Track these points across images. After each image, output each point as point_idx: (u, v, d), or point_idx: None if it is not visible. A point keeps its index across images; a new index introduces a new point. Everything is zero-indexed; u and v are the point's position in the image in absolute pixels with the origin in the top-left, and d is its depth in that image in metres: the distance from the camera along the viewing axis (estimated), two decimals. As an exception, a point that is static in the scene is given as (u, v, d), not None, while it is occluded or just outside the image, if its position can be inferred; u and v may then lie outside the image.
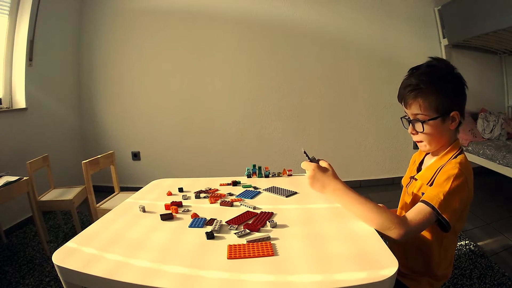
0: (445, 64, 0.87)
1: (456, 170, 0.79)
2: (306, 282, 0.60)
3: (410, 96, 0.85)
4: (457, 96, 0.85)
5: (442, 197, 0.76)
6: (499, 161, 2.38)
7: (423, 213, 0.75)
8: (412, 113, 0.87)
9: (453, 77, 0.85)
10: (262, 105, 3.11)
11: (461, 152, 0.88)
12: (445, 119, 0.84)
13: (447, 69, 0.86)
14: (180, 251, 0.75)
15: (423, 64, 0.89)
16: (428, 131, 0.86)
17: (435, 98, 0.83)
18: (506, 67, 3.13)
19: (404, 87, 0.88)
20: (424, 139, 0.88)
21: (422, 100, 0.84)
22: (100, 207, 1.88)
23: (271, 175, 1.35)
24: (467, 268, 1.64)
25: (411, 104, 0.86)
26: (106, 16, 3.07)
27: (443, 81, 0.83)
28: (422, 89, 0.83)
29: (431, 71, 0.85)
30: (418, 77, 0.85)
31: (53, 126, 2.86)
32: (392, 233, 0.74)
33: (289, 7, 2.97)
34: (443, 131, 0.86)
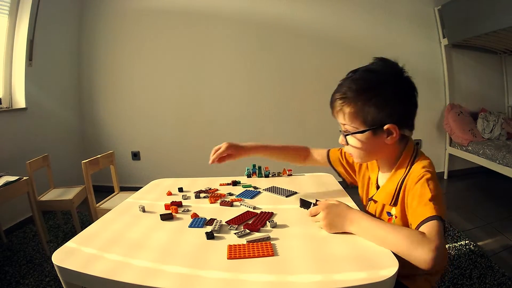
0: (387, 67, 0.78)
1: (428, 174, 0.73)
2: (306, 282, 0.60)
3: (336, 104, 0.79)
4: (393, 107, 0.75)
5: (432, 203, 0.70)
6: (499, 161, 2.38)
7: (434, 228, 0.66)
8: (340, 122, 0.81)
9: (391, 84, 0.75)
10: (261, 104, 3.12)
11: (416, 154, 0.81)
12: (377, 132, 0.76)
13: (388, 74, 0.77)
14: (180, 251, 0.75)
15: (361, 68, 0.81)
16: (356, 145, 0.79)
17: (361, 110, 0.75)
18: (506, 67, 3.13)
19: (334, 93, 0.81)
20: (353, 152, 0.82)
21: (349, 111, 0.76)
22: (100, 207, 1.88)
23: (271, 175, 1.35)
24: (467, 268, 1.64)
25: (337, 113, 0.80)
26: (106, 16, 3.07)
27: (375, 91, 0.74)
28: (348, 98, 0.76)
29: (364, 78, 0.77)
30: (348, 83, 0.78)
31: (53, 126, 2.86)
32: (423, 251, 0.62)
33: (288, 7, 2.98)
34: (377, 146, 0.78)
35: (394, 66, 0.79)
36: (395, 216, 0.82)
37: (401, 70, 0.79)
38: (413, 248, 0.64)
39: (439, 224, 0.67)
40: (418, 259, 0.63)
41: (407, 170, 0.79)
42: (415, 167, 0.77)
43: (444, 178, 3.20)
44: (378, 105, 0.74)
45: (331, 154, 1.12)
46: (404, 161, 0.81)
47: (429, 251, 0.62)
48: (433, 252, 0.62)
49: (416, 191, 0.73)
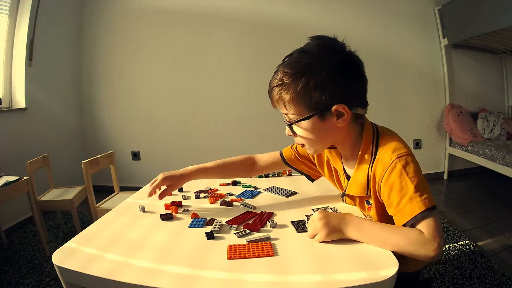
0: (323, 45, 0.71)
1: (401, 161, 0.66)
2: (306, 282, 0.60)
3: (274, 92, 0.72)
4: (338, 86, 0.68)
5: (418, 195, 0.64)
6: (499, 161, 2.38)
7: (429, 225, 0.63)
8: (282, 113, 0.74)
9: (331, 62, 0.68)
10: (261, 104, 3.09)
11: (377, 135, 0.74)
12: (325, 116, 0.69)
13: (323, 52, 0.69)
14: (180, 251, 0.75)
15: (296, 50, 0.74)
16: (304, 134, 0.72)
17: (303, 94, 0.68)
18: (506, 67, 3.13)
19: (271, 81, 0.74)
20: (304, 142, 0.75)
21: (287, 97, 0.69)
22: (100, 207, 1.88)
23: (271, 175, 1.35)
24: (467, 268, 1.64)
25: (277, 102, 0.73)
26: (106, 16, 3.08)
27: (313, 71, 0.67)
28: (285, 84, 0.69)
29: (299, 60, 0.70)
30: (284, 68, 0.71)
31: (53, 126, 2.86)
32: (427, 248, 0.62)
33: (288, 7, 2.98)
34: (328, 130, 0.72)
35: (331, 42, 0.72)
36: (373, 206, 0.78)
37: (340, 45, 0.72)
38: (416, 250, 0.63)
39: (434, 219, 0.63)
40: (421, 257, 0.64)
41: (373, 154, 0.72)
42: (383, 151, 0.70)
43: (444, 178, 3.20)
44: (319, 86, 0.67)
45: (285, 154, 1.04)
46: (367, 145, 0.74)
47: (432, 251, 0.62)
48: (435, 251, 0.62)
49: (394, 184, 0.66)
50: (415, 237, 0.64)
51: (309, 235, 0.75)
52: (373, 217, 0.79)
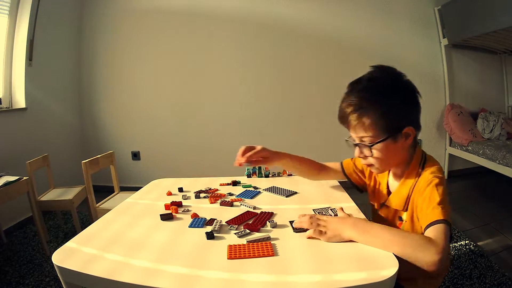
0: (389, 73, 0.79)
1: (437, 180, 0.75)
2: (306, 282, 0.60)
3: (353, 117, 0.77)
4: (407, 109, 0.77)
5: (440, 208, 0.72)
6: (499, 161, 2.38)
7: (440, 231, 0.68)
8: (357, 136, 0.79)
9: (400, 88, 0.76)
10: (261, 104, 3.12)
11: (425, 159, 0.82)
12: (397, 137, 0.77)
13: (392, 79, 0.77)
14: (180, 251, 0.75)
15: (363, 77, 0.80)
16: (378, 155, 0.78)
17: (382, 117, 0.74)
18: (506, 67, 3.13)
19: (345, 107, 0.78)
20: (374, 163, 0.81)
21: (368, 121, 0.75)
22: (100, 207, 1.88)
23: (271, 175, 1.35)
24: (467, 268, 1.64)
25: (355, 126, 0.77)
26: (106, 16, 3.08)
27: (389, 96, 0.74)
28: (365, 108, 0.75)
29: (373, 86, 0.77)
30: (359, 93, 0.77)
31: (53, 126, 2.86)
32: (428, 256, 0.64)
33: (288, 7, 2.97)
34: (397, 151, 0.79)
35: (394, 71, 0.80)
36: (405, 221, 0.83)
37: (400, 74, 0.79)
38: (418, 251, 0.64)
39: (446, 228, 0.68)
40: (424, 262, 0.64)
41: (418, 176, 0.80)
42: (425, 173, 0.78)
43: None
44: (394, 110, 0.75)
45: (345, 166, 1.10)
46: (414, 166, 0.81)
47: (435, 254, 0.63)
48: (438, 255, 0.63)
49: (426, 194, 0.75)
50: (421, 239, 0.67)
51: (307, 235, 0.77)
52: None
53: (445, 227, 0.69)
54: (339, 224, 0.76)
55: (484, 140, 2.80)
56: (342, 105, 0.80)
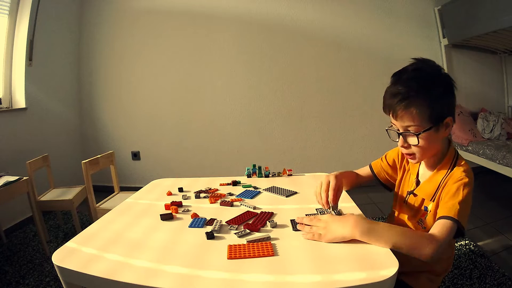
0: (432, 65, 0.80)
1: (466, 179, 0.78)
2: (306, 282, 0.60)
3: (401, 106, 0.77)
4: (449, 100, 0.79)
5: (458, 206, 0.74)
6: (499, 161, 2.38)
7: (446, 226, 0.72)
8: (403, 125, 0.79)
9: (442, 79, 0.78)
10: (262, 104, 3.11)
11: (457, 156, 0.84)
12: (439, 127, 0.78)
13: (435, 70, 0.79)
14: (180, 251, 0.75)
15: (408, 68, 0.81)
16: (421, 144, 0.79)
17: (428, 106, 0.75)
18: (506, 67, 3.13)
19: (392, 96, 0.78)
20: (417, 152, 0.81)
21: (416, 110, 0.76)
22: (100, 207, 1.88)
23: (271, 175, 1.35)
24: (467, 268, 1.64)
25: (403, 115, 0.78)
26: (106, 16, 3.08)
27: (434, 86, 0.76)
28: (413, 97, 0.75)
29: (419, 76, 0.77)
30: (406, 83, 0.77)
31: (53, 126, 2.86)
32: (425, 251, 0.69)
33: (288, 7, 2.97)
34: (437, 141, 0.81)
35: (434, 63, 0.81)
36: (429, 211, 0.84)
37: (440, 66, 0.81)
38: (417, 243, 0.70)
39: (453, 226, 0.72)
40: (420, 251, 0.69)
41: (449, 170, 0.82)
42: (457, 170, 0.81)
43: (444, 178, 3.20)
44: (439, 101, 0.76)
45: (374, 168, 1.08)
46: (448, 161, 0.84)
47: (432, 245, 0.69)
48: (434, 246, 0.69)
49: (451, 189, 0.77)
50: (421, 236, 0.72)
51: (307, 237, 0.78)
52: (426, 221, 0.85)
53: (453, 225, 0.72)
54: (340, 223, 0.76)
55: (484, 140, 2.80)
56: (387, 95, 0.81)
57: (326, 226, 0.77)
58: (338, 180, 0.92)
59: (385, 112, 0.83)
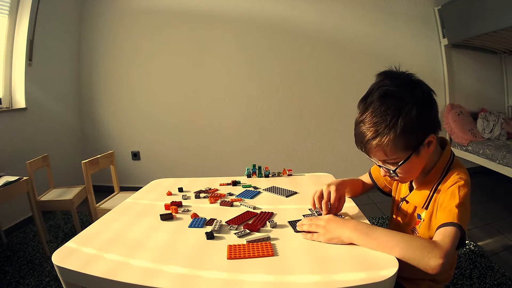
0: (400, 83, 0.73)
1: (461, 182, 0.74)
2: (306, 282, 0.60)
3: (371, 145, 0.73)
4: (425, 117, 0.72)
5: (457, 210, 0.70)
6: (499, 161, 2.38)
7: (449, 233, 0.67)
8: (380, 159, 0.77)
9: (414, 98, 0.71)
10: (261, 104, 3.11)
11: (452, 160, 0.81)
12: (420, 150, 0.74)
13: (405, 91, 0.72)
14: (180, 251, 0.75)
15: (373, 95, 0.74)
16: (404, 171, 0.77)
17: (402, 137, 0.71)
18: (506, 67, 3.13)
19: (361, 134, 0.74)
20: (401, 178, 0.80)
21: (388, 146, 0.71)
22: (100, 207, 1.88)
23: (271, 175, 1.35)
24: (467, 268, 1.64)
25: (376, 153, 0.75)
26: (106, 16, 3.08)
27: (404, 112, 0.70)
28: (382, 134, 0.71)
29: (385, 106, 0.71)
30: (373, 119, 0.72)
31: (53, 126, 2.86)
32: (431, 259, 0.63)
33: (288, 6, 2.97)
34: (422, 161, 0.78)
35: (403, 77, 0.75)
36: (423, 220, 0.82)
37: (410, 77, 0.75)
38: (420, 255, 0.64)
39: (456, 232, 0.67)
40: (426, 265, 0.63)
41: (442, 175, 0.79)
42: (450, 175, 0.78)
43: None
44: (413, 127, 0.71)
45: (373, 173, 1.06)
46: (440, 166, 0.80)
47: (437, 258, 0.63)
48: (441, 259, 0.62)
49: (447, 194, 0.74)
50: (423, 243, 0.66)
51: (306, 237, 0.77)
52: (419, 231, 0.83)
53: (455, 231, 0.67)
54: (339, 225, 0.75)
55: (484, 140, 2.80)
56: (357, 131, 0.77)
57: (325, 225, 0.76)
58: (339, 191, 0.89)
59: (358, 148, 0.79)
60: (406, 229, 0.88)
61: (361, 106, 0.77)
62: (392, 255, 0.67)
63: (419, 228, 0.83)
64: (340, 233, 0.73)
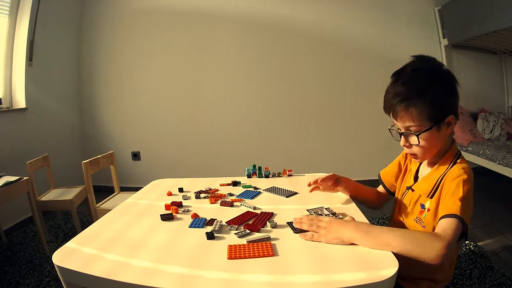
0: (432, 64, 0.80)
1: (465, 176, 0.76)
2: (306, 283, 0.60)
3: (401, 107, 0.78)
4: (450, 98, 0.79)
5: (460, 203, 0.72)
6: (499, 161, 2.38)
7: (451, 226, 0.69)
8: (404, 125, 0.80)
9: (443, 77, 0.78)
10: (261, 105, 3.11)
11: (459, 155, 0.84)
12: (441, 126, 0.78)
13: (435, 70, 0.79)
14: (180, 251, 0.75)
15: (407, 68, 0.80)
16: (423, 144, 0.80)
17: (428, 107, 0.76)
18: (506, 67, 3.13)
19: (392, 98, 0.79)
20: (418, 151, 0.82)
21: (415, 111, 0.76)
22: (100, 207, 1.88)
23: (271, 175, 1.35)
24: (467, 268, 1.64)
25: (403, 116, 0.78)
26: (106, 16, 3.08)
27: (433, 86, 0.76)
28: (412, 98, 0.76)
29: (418, 76, 0.78)
30: (405, 84, 0.78)
31: (53, 126, 2.86)
32: (432, 251, 0.65)
33: (288, 7, 2.98)
34: (439, 139, 0.81)
35: (435, 61, 0.81)
36: (427, 209, 0.83)
37: (441, 64, 0.81)
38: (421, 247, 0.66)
39: (458, 224, 0.69)
40: (427, 256, 0.65)
41: (449, 167, 0.82)
42: (456, 167, 0.80)
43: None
44: (439, 100, 0.77)
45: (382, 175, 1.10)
46: (448, 158, 0.84)
47: (439, 249, 0.65)
48: (443, 250, 0.65)
49: (451, 187, 0.76)
50: (423, 235, 0.69)
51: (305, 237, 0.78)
52: (425, 220, 0.84)
53: (457, 223, 0.69)
54: (340, 226, 0.76)
55: (484, 141, 2.80)
56: (388, 95, 0.81)
57: (327, 226, 0.77)
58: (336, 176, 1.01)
59: (385, 112, 0.84)
60: (409, 219, 0.89)
61: (393, 77, 0.82)
62: (394, 250, 0.68)
63: (425, 217, 0.83)
64: (341, 233, 0.74)
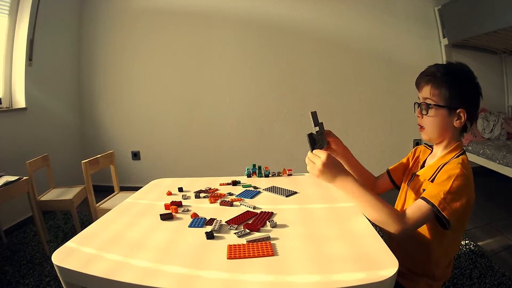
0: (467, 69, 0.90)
1: (457, 170, 0.80)
2: (306, 282, 0.60)
3: (424, 80, 0.90)
4: (468, 98, 0.87)
5: (443, 195, 0.76)
6: (499, 161, 2.38)
7: (422, 210, 0.77)
8: (423, 96, 0.91)
9: (470, 82, 0.88)
10: (261, 104, 3.11)
11: (463, 153, 0.89)
12: (451, 113, 0.86)
13: (467, 73, 0.89)
14: (180, 251, 0.75)
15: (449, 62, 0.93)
16: (431, 118, 0.88)
17: (446, 89, 0.86)
18: (506, 67, 3.13)
19: (423, 73, 0.92)
20: (426, 125, 0.91)
21: (433, 87, 0.87)
22: (100, 207, 1.88)
23: (271, 175, 1.35)
24: (467, 268, 1.64)
25: (423, 87, 0.90)
26: (106, 16, 3.08)
27: (458, 79, 0.87)
28: (436, 77, 0.87)
29: (451, 67, 0.90)
30: (437, 67, 0.90)
31: (53, 126, 2.86)
32: (391, 228, 0.76)
33: (288, 6, 2.97)
34: (447, 125, 0.88)
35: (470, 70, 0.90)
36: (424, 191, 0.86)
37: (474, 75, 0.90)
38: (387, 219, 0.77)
39: (429, 212, 0.76)
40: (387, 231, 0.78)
41: (451, 159, 0.88)
42: (457, 160, 0.85)
43: (444, 178, 3.19)
44: (458, 90, 0.86)
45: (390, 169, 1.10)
46: (453, 151, 0.90)
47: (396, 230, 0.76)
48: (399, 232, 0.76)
49: (443, 176, 0.81)
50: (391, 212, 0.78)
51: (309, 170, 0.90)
52: None
53: (429, 211, 0.76)
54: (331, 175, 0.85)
55: (484, 140, 2.80)
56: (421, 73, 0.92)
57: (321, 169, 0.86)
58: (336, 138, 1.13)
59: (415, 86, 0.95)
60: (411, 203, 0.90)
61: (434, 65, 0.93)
62: (366, 215, 0.82)
63: None
64: (330, 181, 0.86)
